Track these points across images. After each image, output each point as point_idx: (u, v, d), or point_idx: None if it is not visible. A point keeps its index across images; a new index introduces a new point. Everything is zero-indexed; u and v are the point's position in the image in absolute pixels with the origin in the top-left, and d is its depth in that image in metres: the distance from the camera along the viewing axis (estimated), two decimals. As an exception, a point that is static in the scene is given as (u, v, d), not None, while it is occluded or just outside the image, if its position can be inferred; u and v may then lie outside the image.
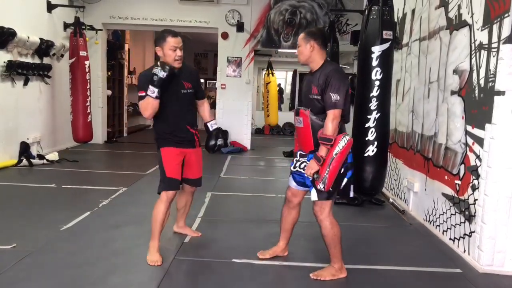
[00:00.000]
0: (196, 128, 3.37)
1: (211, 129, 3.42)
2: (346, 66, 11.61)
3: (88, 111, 7.53)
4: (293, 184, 3.15)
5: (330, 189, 2.83)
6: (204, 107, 3.50)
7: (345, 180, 2.90)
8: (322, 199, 2.89)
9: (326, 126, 2.79)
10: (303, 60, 3.00)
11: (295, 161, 3.11)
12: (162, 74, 2.95)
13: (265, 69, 12.82)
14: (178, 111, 3.19)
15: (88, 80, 7.52)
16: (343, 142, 2.78)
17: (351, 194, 3.00)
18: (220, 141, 3.46)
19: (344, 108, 2.85)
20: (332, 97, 2.79)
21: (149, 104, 3.03)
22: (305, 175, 2.89)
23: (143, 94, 3.04)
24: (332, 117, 2.79)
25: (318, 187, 2.81)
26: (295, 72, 14.12)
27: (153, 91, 2.99)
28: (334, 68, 2.92)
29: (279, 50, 11.06)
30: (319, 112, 2.88)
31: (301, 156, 3.05)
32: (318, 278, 2.95)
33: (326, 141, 2.77)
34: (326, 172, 2.76)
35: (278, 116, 13.01)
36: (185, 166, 3.29)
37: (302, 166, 3.02)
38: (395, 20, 5.08)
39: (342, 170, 2.86)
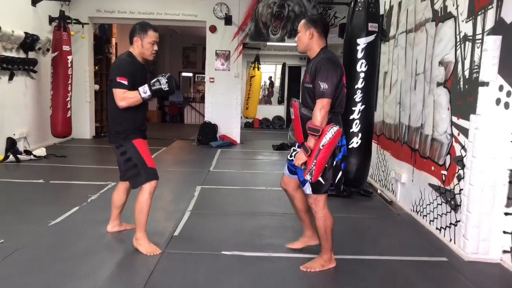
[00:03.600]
0: None
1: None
2: (334, 59, 11.61)
3: (68, 106, 7.44)
4: (286, 172, 3.17)
5: (322, 181, 2.83)
6: None
7: (340, 174, 2.91)
8: (316, 193, 2.89)
9: (314, 115, 2.75)
10: (302, 48, 2.94)
11: (292, 150, 3.14)
12: (165, 87, 2.95)
13: (252, 63, 12.79)
14: (143, 104, 3.15)
15: (70, 75, 7.41)
16: (330, 134, 2.72)
17: (341, 188, 3.04)
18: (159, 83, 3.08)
19: (335, 97, 2.79)
20: (321, 86, 2.73)
21: (132, 100, 2.99)
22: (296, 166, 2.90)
23: (126, 82, 2.96)
24: (320, 106, 2.73)
25: (306, 177, 2.80)
26: (284, 65, 14.11)
27: (145, 91, 2.96)
28: (326, 56, 2.84)
29: (268, 43, 11.05)
30: (314, 100, 2.81)
31: (298, 146, 3.05)
32: (309, 270, 2.97)
33: (313, 131, 2.74)
34: (313, 163, 2.74)
35: (258, 110, 12.98)
36: None
37: (294, 154, 3.04)
38: (382, 12, 5.11)
39: (335, 163, 2.86)
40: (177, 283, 2.82)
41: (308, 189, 2.90)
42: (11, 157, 6.25)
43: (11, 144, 6.39)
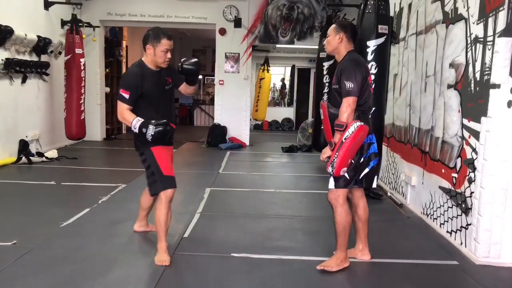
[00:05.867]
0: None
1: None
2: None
3: (82, 108, 7.53)
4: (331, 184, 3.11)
5: (347, 176, 2.89)
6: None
7: (367, 170, 2.98)
8: (339, 187, 2.94)
9: (340, 113, 2.85)
10: (330, 50, 3.09)
11: None
12: (149, 137, 2.88)
13: (261, 65, 12.82)
14: (164, 108, 3.12)
15: (83, 78, 7.51)
16: (352, 128, 2.82)
17: (374, 185, 3.08)
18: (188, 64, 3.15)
19: (361, 96, 2.89)
20: (346, 85, 2.84)
21: (125, 121, 3.00)
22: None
23: (127, 96, 2.96)
24: (345, 104, 2.84)
25: (328, 170, 2.88)
26: (293, 67, 14.11)
27: (135, 126, 2.91)
28: (350, 57, 2.99)
29: (277, 46, 11.06)
30: (341, 101, 2.91)
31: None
32: (326, 269, 2.99)
33: (338, 127, 2.85)
34: (335, 156, 2.82)
35: (268, 112, 13.03)
36: None
37: None
38: (392, 14, 5.10)
39: (362, 159, 2.93)
40: (187, 285, 2.84)
41: (332, 184, 2.95)
42: (24, 159, 6.34)
43: (23, 146, 6.48)
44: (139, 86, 3.00)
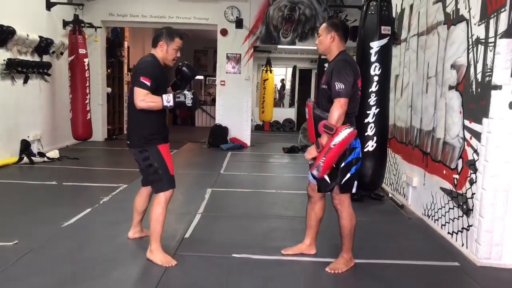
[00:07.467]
0: None
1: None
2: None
3: (88, 108, 7.58)
4: (310, 178, 3.16)
5: (327, 180, 2.88)
6: None
7: (348, 175, 2.90)
8: (319, 191, 2.98)
9: (331, 114, 2.78)
10: (322, 49, 3.03)
11: None
12: (189, 103, 2.95)
13: (264, 66, 12.83)
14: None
15: (88, 78, 7.55)
16: (343, 134, 2.73)
17: (354, 190, 3.00)
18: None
19: (352, 98, 2.83)
20: (336, 86, 2.77)
21: (152, 104, 2.92)
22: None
23: (149, 83, 2.90)
24: (337, 106, 2.77)
25: (313, 172, 2.86)
26: (294, 68, 14.11)
27: (168, 100, 2.92)
28: (341, 58, 2.91)
29: (278, 47, 11.06)
30: (329, 102, 2.87)
31: None
32: (336, 271, 2.99)
33: (328, 129, 2.77)
34: (322, 160, 2.76)
35: (273, 112, 13.04)
36: None
37: None
38: (394, 15, 5.09)
39: (343, 164, 2.87)
40: (187, 285, 2.83)
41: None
42: (25, 159, 6.35)
43: (25, 146, 6.50)
44: (157, 78, 2.99)
